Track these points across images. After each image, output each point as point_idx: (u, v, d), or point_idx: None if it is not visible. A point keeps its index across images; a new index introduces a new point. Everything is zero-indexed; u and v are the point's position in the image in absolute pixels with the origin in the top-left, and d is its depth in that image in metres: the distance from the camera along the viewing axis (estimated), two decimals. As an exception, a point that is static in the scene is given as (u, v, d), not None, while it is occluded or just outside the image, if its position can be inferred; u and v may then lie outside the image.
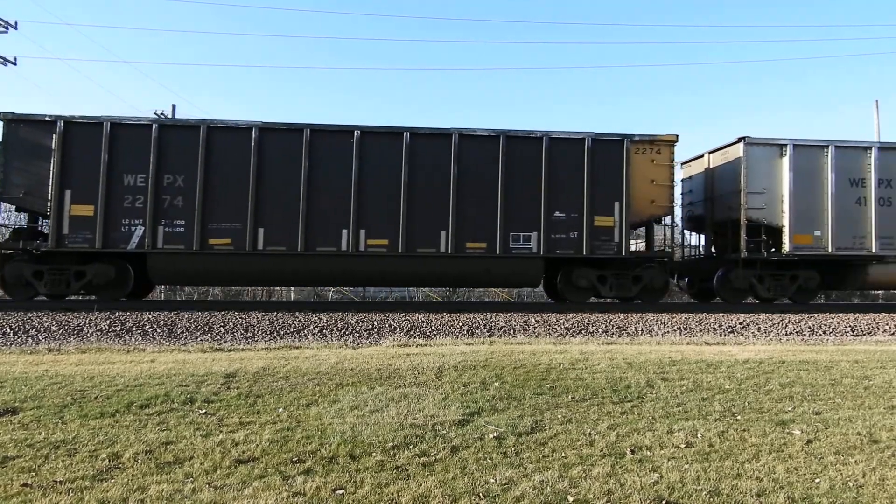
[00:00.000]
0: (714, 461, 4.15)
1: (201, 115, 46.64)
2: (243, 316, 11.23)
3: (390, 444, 4.36)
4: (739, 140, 13.85)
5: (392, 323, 11.03)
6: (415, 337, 10.14)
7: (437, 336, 10.32)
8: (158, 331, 10.17)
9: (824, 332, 11.41)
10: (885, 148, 14.14)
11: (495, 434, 4.63)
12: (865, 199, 13.86)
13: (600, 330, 11.05)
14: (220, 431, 4.62)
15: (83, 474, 3.77)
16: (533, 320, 11.53)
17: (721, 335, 10.93)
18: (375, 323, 10.98)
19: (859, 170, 13.90)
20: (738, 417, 5.20)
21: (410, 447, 4.32)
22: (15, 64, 23.79)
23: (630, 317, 12.04)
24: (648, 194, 13.36)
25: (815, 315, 12.84)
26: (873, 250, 13.77)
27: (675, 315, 12.33)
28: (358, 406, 5.33)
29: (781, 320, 12.09)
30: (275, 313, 11.62)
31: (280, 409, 5.24)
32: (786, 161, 13.72)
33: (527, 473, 3.88)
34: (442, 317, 11.66)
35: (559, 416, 5.13)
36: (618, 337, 10.53)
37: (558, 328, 11.06)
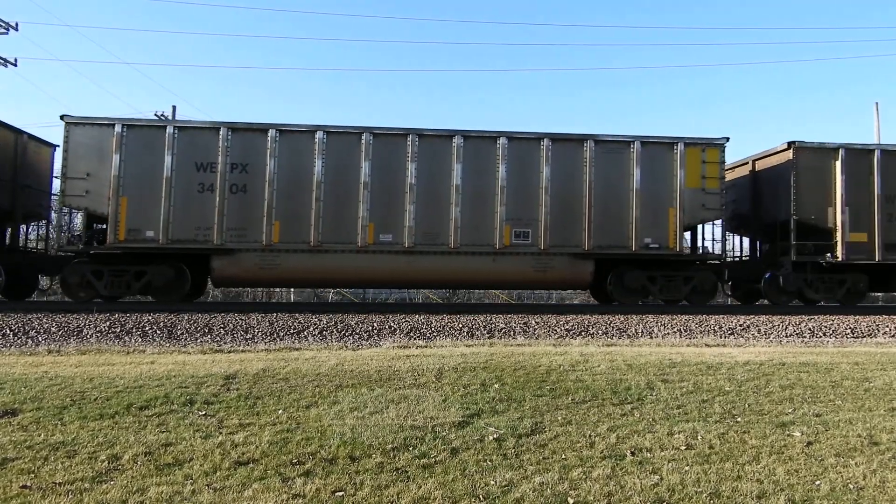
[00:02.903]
0: (714, 463, 4.15)
1: (202, 116, 46.56)
2: (243, 317, 11.22)
3: (390, 445, 4.36)
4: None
5: (392, 324, 11.03)
6: (415, 338, 10.14)
7: (437, 337, 10.31)
8: (158, 332, 10.16)
9: (824, 334, 11.41)
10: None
11: (495, 436, 4.63)
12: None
13: (600, 331, 11.04)
14: (220, 433, 4.62)
15: (82, 476, 3.76)
16: (533, 322, 11.53)
17: (721, 337, 10.92)
18: (375, 324, 10.97)
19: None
20: (739, 419, 5.19)
21: (410, 449, 4.32)
22: (15, 65, 23.79)
23: (630, 318, 12.04)
24: None
25: (816, 317, 12.83)
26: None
27: (675, 317, 12.32)
28: (358, 408, 5.33)
29: (781, 322, 12.08)
30: (274, 315, 11.61)
31: (280, 411, 5.23)
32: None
33: (527, 475, 3.88)
34: (442, 318, 11.66)
35: (559, 418, 5.13)
36: (618, 339, 10.53)
37: (558, 330, 11.06)
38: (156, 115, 27.92)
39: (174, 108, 28.23)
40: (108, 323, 10.49)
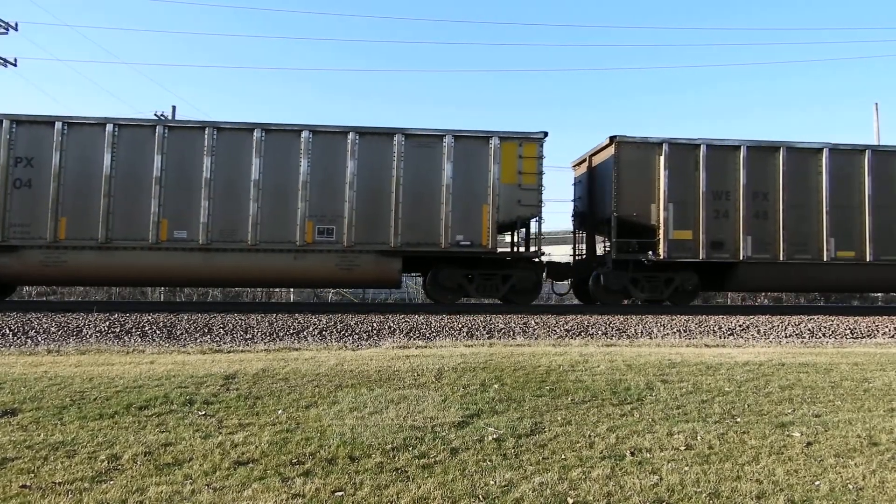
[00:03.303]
0: (714, 463, 4.15)
1: (201, 116, 46.53)
2: (243, 317, 11.22)
3: (390, 445, 4.36)
4: None
5: (391, 324, 11.03)
6: (414, 339, 10.13)
7: (437, 338, 10.31)
8: (158, 332, 10.16)
9: (824, 335, 11.41)
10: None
11: (495, 436, 4.63)
12: None
13: (600, 332, 11.05)
14: (220, 433, 4.62)
15: (82, 476, 3.76)
16: (532, 322, 11.53)
17: (721, 337, 10.93)
18: (375, 324, 10.97)
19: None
20: (738, 420, 5.19)
21: (410, 449, 4.32)
22: (15, 65, 23.80)
23: (630, 319, 12.05)
24: None
25: (815, 317, 12.85)
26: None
27: (674, 317, 12.33)
28: (357, 408, 5.33)
29: (781, 322, 12.10)
30: (274, 315, 11.61)
31: (279, 411, 5.23)
32: None
33: (526, 475, 3.88)
34: (441, 318, 11.66)
35: (559, 418, 5.13)
36: (617, 339, 10.53)
37: (558, 330, 11.06)
38: (155, 114, 27.92)
39: (174, 108, 28.24)
40: (107, 323, 10.49)
